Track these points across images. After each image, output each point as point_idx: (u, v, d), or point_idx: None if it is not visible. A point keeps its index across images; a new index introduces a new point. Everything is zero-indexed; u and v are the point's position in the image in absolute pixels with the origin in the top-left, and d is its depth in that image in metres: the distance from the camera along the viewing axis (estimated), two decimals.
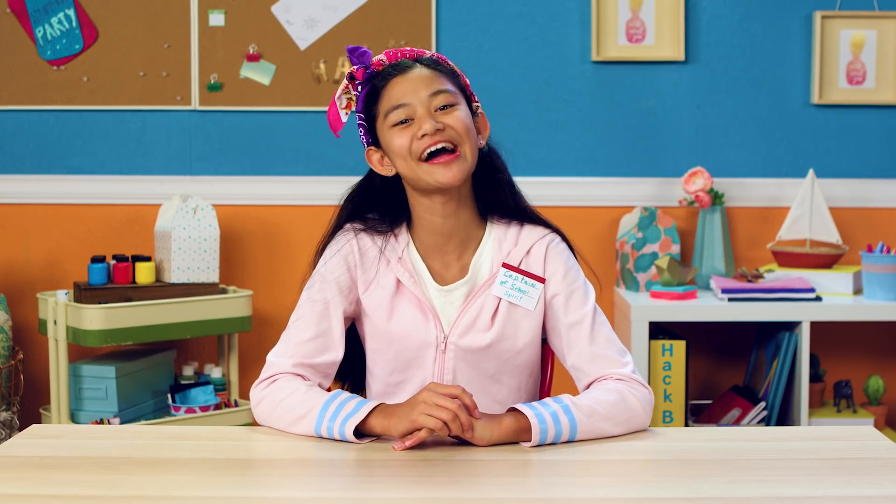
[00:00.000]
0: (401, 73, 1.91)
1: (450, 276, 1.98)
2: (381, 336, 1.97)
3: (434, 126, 1.87)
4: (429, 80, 1.91)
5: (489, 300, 1.96)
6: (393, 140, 1.91)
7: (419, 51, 1.97)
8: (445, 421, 1.71)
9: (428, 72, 1.92)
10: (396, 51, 1.95)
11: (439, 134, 1.88)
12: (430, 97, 1.90)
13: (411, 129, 1.89)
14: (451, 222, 1.97)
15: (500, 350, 1.96)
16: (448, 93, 1.91)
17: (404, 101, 1.89)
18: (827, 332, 3.61)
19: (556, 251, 1.99)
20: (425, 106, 1.89)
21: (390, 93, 1.91)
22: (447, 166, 1.89)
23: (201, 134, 3.62)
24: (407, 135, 1.89)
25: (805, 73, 3.62)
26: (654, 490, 1.59)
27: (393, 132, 1.91)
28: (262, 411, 1.90)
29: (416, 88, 1.90)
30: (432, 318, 1.94)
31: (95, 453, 1.74)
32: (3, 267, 3.63)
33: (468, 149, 1.91)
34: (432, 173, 1.89)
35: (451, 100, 1.91)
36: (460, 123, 1.90)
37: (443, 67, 1.95)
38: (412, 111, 1.89)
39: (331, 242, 2.00)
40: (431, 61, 1.95)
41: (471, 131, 1.92)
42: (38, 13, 3.57)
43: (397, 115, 1.90)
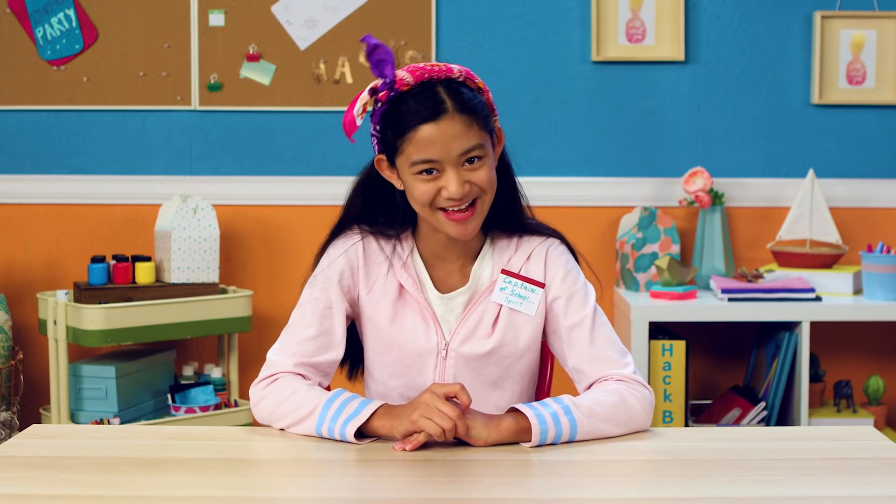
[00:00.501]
0: (432, 120, 1.82)
1: (451, 284, 1.98)
2: (382, 340, 1.97)
3: (461, 192, 1.83)
4: (461, 135, 1.82)
5: (490, 307, 1.96)
6: (415, 188, 1.86)
7: (447, 69, 1.85)
8: (445, 429, 1.72)
9: (460, 122, 1.82)
10: (423, 70, 1.84)
11: (465, 198, 1.85)
12: (461, 156, 1.83)
13: (436, 183, 1.84)
14: (455, 241, 1.96)
15: (501, 356, 1.96)
16: (478, 148, 1.84)
17: (433, 157, 1.82)
18: (827, 332, 3.61)
19: (556, 254, 1.99)
20: (454, 164, 1.83)
21: (417, 140, 1.82)
22: (463, 225, 1.87)
23: (201, 134, 3.62)
24: (431, 187, 1.84)
25: (805, 73, 3.62)
26: (654, 490, 1.59)
27: (416, 179, 1.85)
28: (262, 410, 1.89)
29: (445, 144, 1.82)
30: (433, 324, 1.94)
31: (95, 453, 1.74)
32: (3, 267, 3.63)
33: (486, 200, 1.88)
34: (446, 226, 1.88)
35: (479, 154, 1.85)
36: (486, 179, 1.85)
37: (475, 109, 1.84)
38: (440, 166, 1.84)
39: (336, 241, 2.00)
40: (464, 104, 1.83)
41: (493, 184, 1.87)
42: (38, 13, 3.57)
43: (422, 167, 1.84)
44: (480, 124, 1.85)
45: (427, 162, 1.83)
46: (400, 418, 1.75)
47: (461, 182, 1.83)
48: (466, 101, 1.84)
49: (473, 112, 1.84)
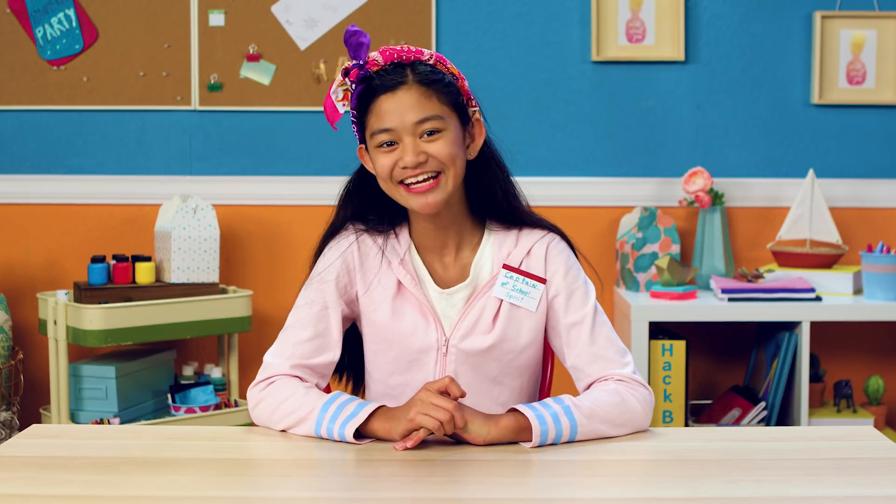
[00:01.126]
0: (389, 90, 1.85)
1: (450, 278, 1.98)
2: (382, 338, 1.97)
3: (416, 160, 1.84)
4: (417, 103, 1.85)
5: (490, 302, 1.95)
6: (376, 160, 1.89)
7: (417, 51, 1.89)
8: (442, 421, 1.72)
9: (417, 92, 1.85)
10: (392, 51, 1.88)
11: (421, 167, 1.85)
12: (416, 125, 1.85)
13: (395, 154, 1.86)
14: (443, 229, 1.96)
15: (501, 351, 1.96)
16: (435, 119, 1.85)
17: (389, 125, 1.85)
18: (827, 332, 3.62)
19: (557, 251, 1.98)
20: (410, 133, 1.85)
21: (377, 111, 1.86)
22: (423, 196, 1.87)
23: (201, 134, 3.62)
24: (390, 158, 1.86)
25: (805, 73, 3.62)
26: (654, 490, 1.59)
27: (377, 152, 1.88)
28: (260, 413, 1.89)
29: (402, 113, 1.84)
30: (433, 320, 1.94)
31: (95, 453, 1.74)
32: (3, 267, 3.63)
33: (450, 176, 1.87)
34: (408, 199, 1.88)
35: (437, 125, 1.86)
36: (444, 152, 1.86)
37: (437, 82, 1.87)
38: (398, 136, 1.85)
39: (331, 242, 2.00)
40: (425, 75, 1.86)
41: (455, 158, 1.87)
42: (38, 13, 3.57)
43: (381, 138, 1.86)
44: (442, 98, 1.87)
45: (384, 131, 1.85)
46: (397, 419, 1.75)
47: (416, 151, 1.85)
48: (426, 74, 1.87)
49: (431, 84, 1.87)
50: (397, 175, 1.87)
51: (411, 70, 1.87)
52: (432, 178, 1.87)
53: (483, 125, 1.96)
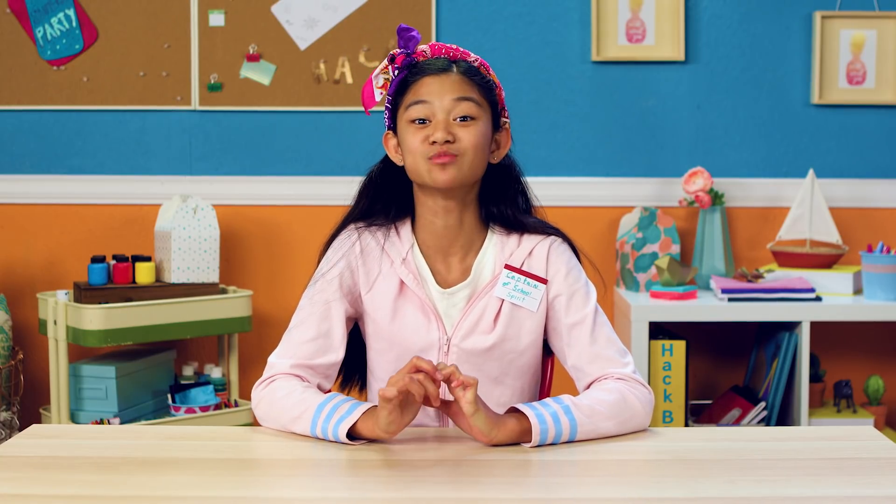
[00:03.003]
0: (434, 73, 1.91)
1: (452, 278, 1.98)
2: (384, 337, 1.97)
3: (444, 136, 1.87)
4: (458, 86, 1.90)
5: (492, 302, 1.96)
6: (407, 135, 1.91)
7: (464, 52, 1.96)
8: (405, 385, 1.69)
9: (460, 78, 1.91)
10: (441, 46, 1.95)
11: (448, 146, 1.87)
12: (454, 102, 1.89)
13: (426, 131, 1.89)
14: (452, 226, 1.97)
15: (502, 351, 1.96)
16: (472, 102, 1.90)
17: (427, 98, 1.89)
18: (827, 332, 3.62)
19: (558, 252, 1.99)
20: (446, 111, 1.89)
21: (418, 88, 1.91)
22: (443, 168, 1.89)
23: (201, 134, 3.62)
24: (421, 135, 1.89)
25: (805, 73, 3.62)
26: (654, 490, 1.59)
27: (409, 127, 1.91)
28: (261, 412, 1.90)
29: (441, 91, 1.89)
30: (435, 319, 1.95)
31: (95, 453, 1.74)
32: (3, 267, 3.63)
33: (466, 161, 1.89)
34: (430, 171, 1.90)
35: (472, 112, 1.90)
36: (472, 140, 1.89)
37: (478, 78, 1.94)
38: (431, 112, 1.89)
39: (334, 243, 2.01)
40: (469, 68, 1.94)
41: (480, 150, 1.91)
42: (38, 13, 3.57)
43: (416, 111, 1.90)
44: (481, 93, 1.93)
45: (421, 103, 1.90)
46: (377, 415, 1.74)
47: (446, 129, 1.88)
48: (472, 69, 1.94)
49: (475, 76, 1.94)
50: (425, 151, 1.89)
51: (456, 65, 1.93)
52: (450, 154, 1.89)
53: (510, 136, 2.00)
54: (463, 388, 1.73)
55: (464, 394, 1.73)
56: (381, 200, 2.01)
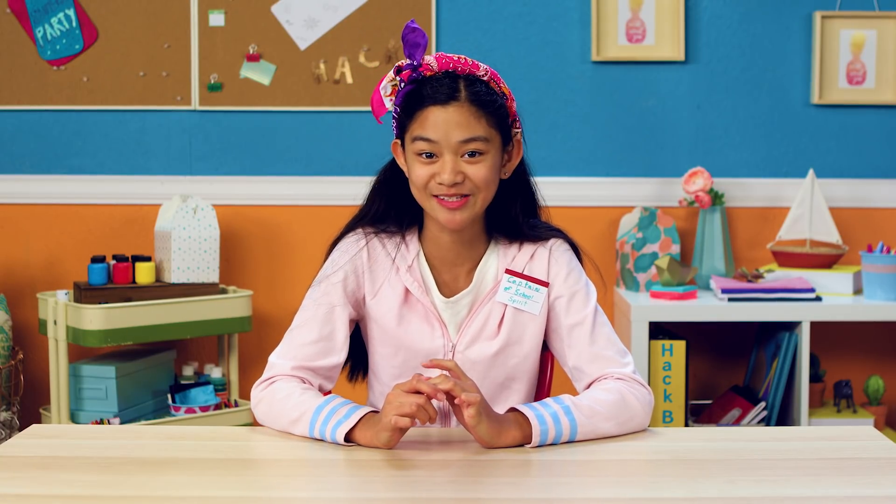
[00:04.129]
0: (441, 103, 1.84)
1: (456, 287, 1.98)
2: (389, 342, 1.97)
3: (453, 179, 1.84)
4: (466, 123, 1.84)
5: (495, 308, 1.96)
6: (413, 168, 1.88)
7: (473, 65, 1.89)
8: (413, 413, 1.69)
9: (468, 112, 1.84)
10: (449, 59, 1.88)
11: (456, 187, 1.85)
12: (461, 144, 1.85)
13: (432, 168, 1.86)
14: (459, 241, 1.96)
15: (507, 356, 1.96)
16: (480, 141, 1.85)
17: (434, 137, 1.84)
18: (827, 332, 3.61)
19: (559, 253, 1.99)
20: (453, 150, 1.85)
21: (423, 119, 1.85)
22: (452, 212, 1.87)
23: (201, 134, 3.62)
24: (427, 170, 1.86)
25: (805, 73, 3.62)
26: (653, 490, 1.59)
27: (415, 160, 1.88)
28: (260, 412, 1.90)
29: (448, 129, 1.84)
30: (439, 327, 1.95)
31: (95, 453, 1.74)
32: (3, 267, 3.63)
33: (480, 199, 1.88)
34: (437, 210, 1.89)
35: (480, 148, 1.86)
36: (481, 176, 1.86)
37: (489, 104, 1.86)
38: (439, 149, 1.85)
39: (341, 245, 1.99)
40: (477, 95, 1.85)
41: (490, 184, 1.88)
42: (38, 13, 3.57)
43: (422, 147, 1.86)
44: (490, 121, 1.87)
45: (426, 141, 1.85)
46: (378, 428, 1.74)
47: (455, 170, 1.84)
48: (480, 94, 1.86)
49: (484, 106, 1.86)
50: (431, 188, 1.87)
51: (465, 85, 1.86)
52: (462, 197, 1.87)
53: (522, 146, 1.97)
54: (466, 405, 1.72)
55: (466, 409, 1.73)
56: (394, 207, 1.99)
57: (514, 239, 1.99)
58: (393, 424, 1.70)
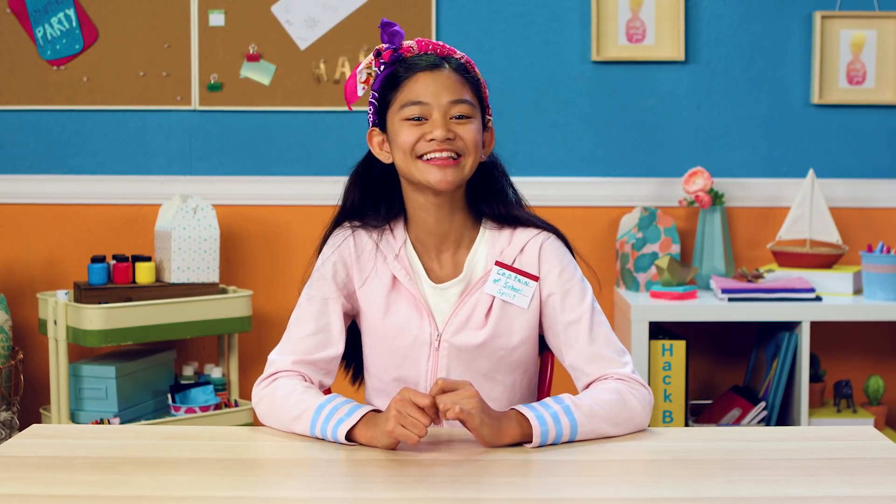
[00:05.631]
0: (428, 69, 1.91)
1: (445, 274, 1.99)
2: (377, 332, 1.98)
3: (445, 134, 1.88)
4: (454, 85, 1.91)
5: (483, 298, 1.96)
6: (400, 132, 1.91)
7: (450, 49, 1.96)
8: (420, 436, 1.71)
9: (455, 76, 1.91)
10: (428, 42, 1.95)
11: (448, 143, 1.88)
12: (450, 104, 1.90)
13: (422, 129, 1.89)
14: (444, 223, 1.97)
15: (493, 348, 1.96)
16: (467, 104, 1.91)
17: (424, 99, 1.89)
18: (827, 332, 3.62)
19: (551, 249, 1.99)
20: (443, 111, 1.89)
21: (412, 86, 1.91)
22: (442, 169, 1.89)
23: (201, 134, 3.62)
24: (416, 132, 1.90)
25: (805, 73, 3.62)
26: (654, 490, 1.59)
27: (403, 125, 1.91)
28: (261, 410, 1.91)
29: (438, 90, 1.90)
30: (426, 315, 1.95)
31: (95, 453, 1.74)
32: (3, 267, 3.63)
33: (469, 162, 1.92)
34: (425, 172, 1.90)
35: (468, 111, 1.91)
36: (471, 137, 1.90)
37: (469, 75, 1.94)
38: (428, 111, 1.90)
39: (328, 240, 2.01)
40: (460, 66, 1.94)
41: (478, 147, 1.93)
42: (38, 13, 3.57)
43: (412, 111, 1.90)
44: (473, 91, 1.94)
45: (417, 104, 1.90)
46: (378, 428, 1.74)
47: (446, 126, 1.89)
48: (463, 66, 1.95)
49: (467, 75, 1.94)
50: (420, 148, 1.90)
51: (446, 61, 1.94)
52: (453, 158, 1.90)
53: (493, 135, 2.02)
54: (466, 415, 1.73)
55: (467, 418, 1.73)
56: (369, 201, 2.02)
57: (503, 224, 1.99)
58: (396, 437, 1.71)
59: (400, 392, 1.75)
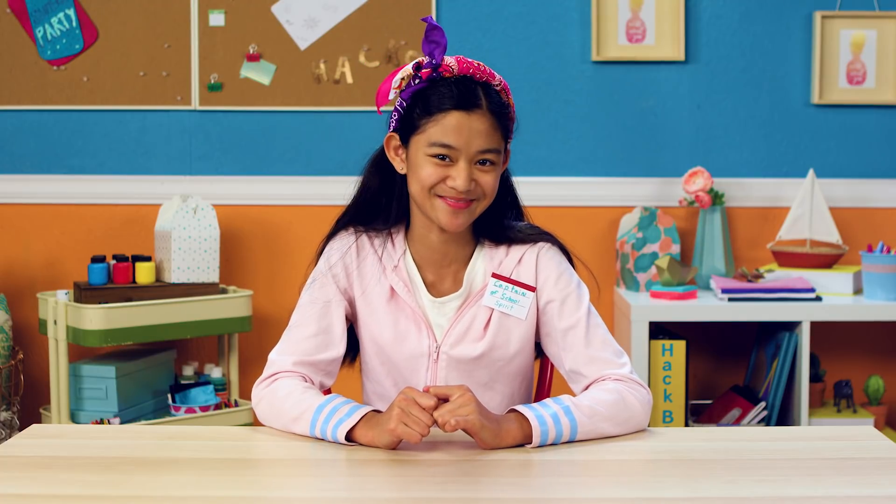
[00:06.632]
0: (465, 109, 1.85)
1: (444, 287, 1.99)
2: (374, 341, 1.98)
3: (467, 186, 1.85)
4: (486, 132, 1.86)
5: (481, 310, 1.96)
6: (423, 167, 1.88)
7: (490, 73, 1.91)
8: (423, 434, 1.71)
9: (489, 122, 1.86)
10: (469, 64, 1.89)
11: (466, 193, 1.87)
12: (478, 153, 1.86)
13: (445, 171, 1.86)
14: (446, 242, 1.97)
15: (492, 359, 1.96)
16: (495, 153, 1.88)
17: (454, 144, 1.85)
18: (827, 332, 3.61)
19: (547, 257, 1.99)
20: (469, 158, 1.86)
21: (444, 123, 1.86)
22: (455, 213, 1.88)
23: (201, 134, 3.62)
24: (439, 173, 1.87)
25: (805, 73, 3.62)
26: (654, 490, 1.59)
27: (427, 160, 1.87)
28: (262, 411, 1.90)
29: (469, 138, 1.85)
30: (425, 328, 1.95)
31: (95, 453, 1.74)
32: (3, 267, 3.63)
33: (481, 206, 1.91)
34: (438, 210, 1.89)
35: (494, 159, 1.88)
36: (490, 186, 1.89)
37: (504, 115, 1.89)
38: (456, 155, 1.86)
39: (331, 243, 2.01)
40: (497, 104, 1.88)
41: (494, 192, 1.91)
42: (38, 13, 3.57)
43: (439, 151, 1.86)
44: (502, 133, 1.91)
45: (446, 147, 1.86)
46: (380, 428, 1.74)
47: (469, 177, 1.86)
48: (498, 106, 1.89)
49: (501, 119, 1.89)
50: (439, 190, 1.88)
51: (484, 93, 1.88)
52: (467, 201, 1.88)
53: (510, 155, 1.99)
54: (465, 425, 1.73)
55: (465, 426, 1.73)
56: (380, 204, 2.00)
57: (498, 242, 1.99)
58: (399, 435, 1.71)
59: (402, 391, 1.75)
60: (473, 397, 1.75)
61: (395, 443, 1.73)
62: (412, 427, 1.70)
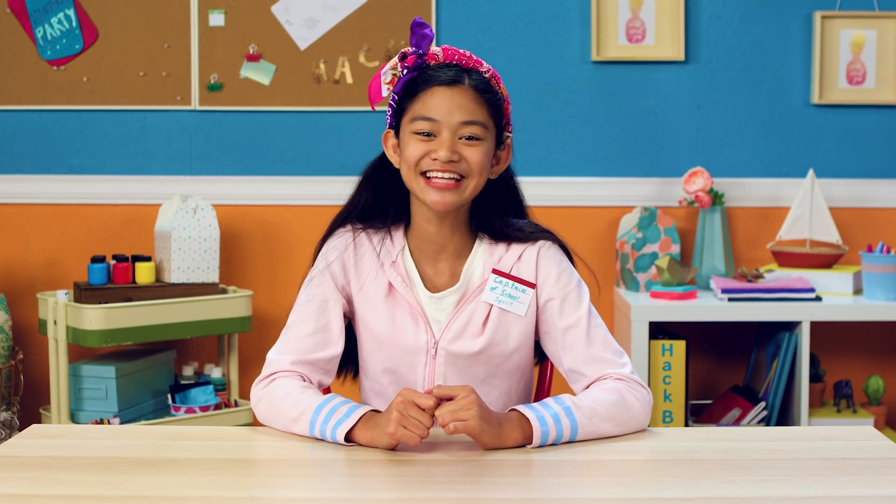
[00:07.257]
0: (446, 84, 1.88)
1: (441, 283, 1.98)
2: (372, 338, 1.98)
3: (449, 156, 1.86)
4: (469, 105, 1.87)
5: (480, 306, 1.96)
6: (408, 145, 1.89)
7: (477, 60, 1.93)
8: (422, 437, 1.71)
9: (472, 95, 1.88)
10: (454, 52, 1.91)
11: (452, 164, 1.86)
12: (461, 124, 1.87)
13: (428, 145, 1.87)
14: (444, 234, 1.97)
15: (490, 355, 1.96)
16: (479, 126, 1.88)
17: (435, 116, 1.87)
18: (827, 332, 3.61)
19: (548, 255, 1.98)
20: (452, 130, 1.87)
21: (427, 99, 1.88)
22: (441, 192, 1.88)
23: (201, 134, 3.62)
24: (422, 148, 1.88)
25: (805, 73, 3.62)
26: (654, 490, 1.59)
27: (412, 138, 1.89)
28: (260, 411, 1.90)
29: (451, 109, 1.87)
30: (423, 323, 1.95)
31: (95, 453, 1.74)
32: (3, 267, 3.63)
33: (471, 185, 1.90)
34: (425, 191, 1.89)
35: (479, 133, 1.88)
36: (476, 160, 1.88)
37: (489, 94, 1.90)
38: (438, 129, 1.87)
39: (329, 241, 2.01)
40: (481, 82, 1.90)
41: (483, 170, 1.90)
42: (38, 13, 3.57)
43: (421, 126, 1.87)
44: (489, 112, 1.90)
45: (427, 119, 1.87)
46: (379, 429, 1.74)
47: (451, 148, 1.87)
48: (483, 83, 1.90)
49: (486, 93, 1.90)
50: (424, 165, 1.88)
51: (468, 74, 1.90)
52: (455, 180, 1.88)
53: (511, 150, 1.98)
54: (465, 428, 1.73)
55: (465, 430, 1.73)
56: (379, 201, 2.00)
57: (498, 238, 1.99)
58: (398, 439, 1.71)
59: (401, 393, 1.74)
60: (476, 399, 1.75)
61: (394, 444, 1.74)
62: (411, 430, 1.70)
